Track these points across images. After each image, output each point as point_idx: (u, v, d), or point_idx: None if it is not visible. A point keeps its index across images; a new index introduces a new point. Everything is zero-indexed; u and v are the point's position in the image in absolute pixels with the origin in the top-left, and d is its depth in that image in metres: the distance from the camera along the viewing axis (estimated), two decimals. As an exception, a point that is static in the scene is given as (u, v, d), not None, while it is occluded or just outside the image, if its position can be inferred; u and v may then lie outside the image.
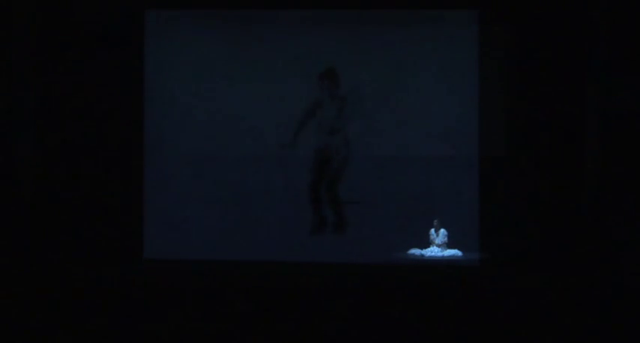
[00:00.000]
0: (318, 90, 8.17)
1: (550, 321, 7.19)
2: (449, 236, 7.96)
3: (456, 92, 8.05)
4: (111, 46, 8.02)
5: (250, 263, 7.97)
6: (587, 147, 7.57)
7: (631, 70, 7.46)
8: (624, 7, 7.47)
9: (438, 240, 7.97)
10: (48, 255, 7.74)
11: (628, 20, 7.46)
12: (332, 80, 8.14)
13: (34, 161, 7.86)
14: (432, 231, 8.00)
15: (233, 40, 8.23)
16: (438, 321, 7.29)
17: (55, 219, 7.83)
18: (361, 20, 8.13)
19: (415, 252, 7.98)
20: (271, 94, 8.19)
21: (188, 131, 8.23)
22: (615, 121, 7.46)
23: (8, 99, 7.80)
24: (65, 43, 7.96)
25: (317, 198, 8.17)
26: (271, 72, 8.20)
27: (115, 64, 8.03)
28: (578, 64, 7.64)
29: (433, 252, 7.96)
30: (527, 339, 7.09)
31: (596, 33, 7.57)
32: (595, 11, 7.61)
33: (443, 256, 7.93)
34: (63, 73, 7.96)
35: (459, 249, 7.94)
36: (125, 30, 8.09)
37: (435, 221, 7.99)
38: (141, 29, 8.17)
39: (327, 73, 8.14)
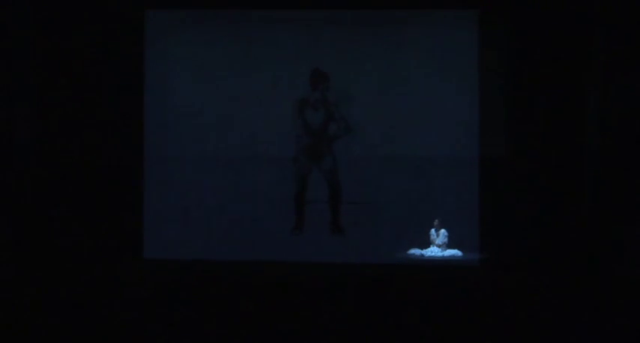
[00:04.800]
0: (308, 91, 8.19)
1: (550, 321, 7.19)
2: (449, 236, 7.95)
3: (455, 92, 8.05)
4: (111, 46, 8.02)
5: (250, 263, 7.97)
6: (587, 147, 7.56)
7: (631, 70, 7.45)
8: (624, 7, 7.47)
9: (438, 240, 7.97)
10: (48, 254, 7.74)
11: (628, 20, 7.46)
12: (323, 80, 8.15)
13: (34, 160, 7.86)
14: (433, 230, 8.00)
15: (233, 40, 8.23)
16: (437, 321, 7.29)
17: (54, 219, 7.83)
18: (361, 20, 8.13)
19: (415, 252, 7.98)
20: (272, 95, 8.19)
21: (188, 131, 8.23)
22: (615, 121, 7.46)
23: (8, 98, 7.80)
24: (65, 43, 7.96)
25: (299, 199, 8.17)
26: (272, 72, 8.20)
27: (115, 64, 8.02)
28: (578, 64, 7.64)
29: (433, 252, 7.95)
30: (526, 339, 7.09)
31: (596, 33, 7.57)
32: (595, 11, 7.60)
33: (443, 256, 7.93)
34: (62, 73, 7.95)
35: (459, 249, 7.94)
36: (125, 30, 8.08)
37: (436, 221, 7.98)
38: (141, 29, 8.17)
39: (318, 74, 8.15)
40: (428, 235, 8.01)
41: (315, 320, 7.35)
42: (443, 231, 7.97)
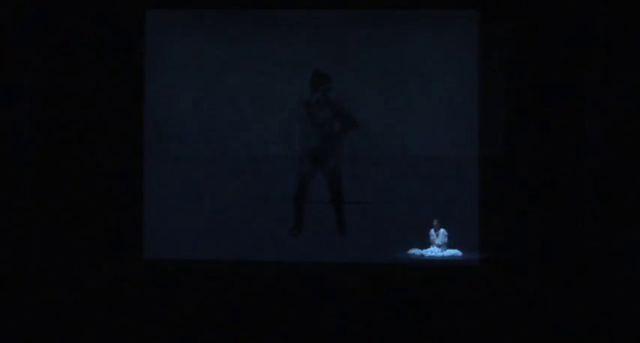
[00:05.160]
0: (310, 93, 8.19)
1: (550, 321, 7.20)
2: (449, 236, 7.96)
3: (455, 92, 8.06)
4: (111, 46, 8.02)
5: (250, 263, 7.97)
6: (587, 146, 7.57)
7: (631, 70, 7.46)
8: (624, 8, 7.47)
9: (438, 240, 7.98)
10: (48, 254, 7.75)
11: (627, 21, 7.46)
12: (324, 82, 8.16)
13: (34, 161, 7.86)
14: (432, 231, 8.00)
15: (233, 40, 8.23)
16: (438, 321, 7.29)
17: (55, 219, 7.83)
18: (361, 20, 8.13)
19: (415, 252, 7.98)
20: (272, 95, 8.20)
21: (188, 131, 8.23)
22: (615, 121, 7.46)
23: (8, 99, 7.81)
24: (65, 43, 7.96)
25: (299, 199, 8.18)
26: (272, 72, 8.21)
27: (115, 64, 8.03)
28: (578, 64, 7.64)
29: (433, 252, 7.96)
30: (526, 339, 7.10)
31: (596, 33, 7.57)
32: (595, 11, 7.61)
33: (443, 256, 7.93)
34: (63, 73, 7.96)
35: (459, 249, 7.94)
36: (125, 30, 8.09)
37: (435, 221, 7.99)
38: (141, 29, 8.17)
39: (319, 76, 8.16)
40: (428, 235, 8.02)
41: (315, 320, 7.36)
42: (442, 230, 7.98)
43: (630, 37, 7.41)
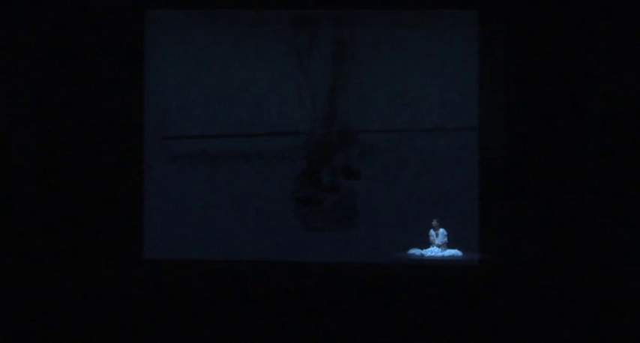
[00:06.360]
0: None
1: (550, 321, 7.20)
2: (449, 236, 7.96)
3: (455, 92, 8.06)
4: (111, 46, 8.02)
5: (250, 263, 7.97)
6: (587, 146, 7.57)
7: (631, 70, 7.46)
8: (624, 8, 7.48)
9: (438, 240, 7.98)
10: (48, 255, 7.74)
11: (628, 21, 7.46)
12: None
13: (34, 161, 7.86)
14: (432, 231, 8.00)
15: (233, 39, 8.24)
16: (438, 321, 7.29)
17: (55, 220, 7.83)
18: (361, 20, 8.13)
19: (415, 252, 7.98)
20: (272, 95, 8.20)
21: (188, 131, 8.24)
22: (615, 121, 7.46)
23: (9, 98, 7.80)
24: (65, 43, 7.96)
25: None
26: (271, 72, 8.21)
27: (115, 64, 8.03)
28: (578, 64, 7.65)
29: (433, 252, 7.96)
30: (527, 339, 7.10)
31: (597, 33, 7.57)
32: (595, 11, 7.61)
33: (443, 256, 7.93)
34: (63, 73, 7.96)
35: (459, 249, 7.94)
36: (125, 30, 8.09)
37: (434, 221, 7.99)
38: (141, 29, 8.17)
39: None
40: (428, 235, 8.02)
41: (315, 319, 7.36)
42: (442, 230, 7.98)
43: (631, 37, 7.41)
